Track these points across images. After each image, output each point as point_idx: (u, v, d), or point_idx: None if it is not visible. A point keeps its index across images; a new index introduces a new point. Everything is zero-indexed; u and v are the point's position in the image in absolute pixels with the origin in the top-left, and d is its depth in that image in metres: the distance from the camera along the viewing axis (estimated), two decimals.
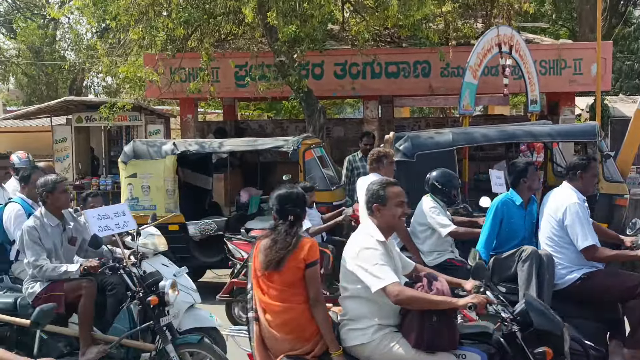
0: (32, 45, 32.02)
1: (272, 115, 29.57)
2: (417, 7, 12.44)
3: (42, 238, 6.45)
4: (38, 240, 6.41)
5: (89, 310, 6.36)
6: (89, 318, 6.37)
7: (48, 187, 6.56)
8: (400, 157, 9.95)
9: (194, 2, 12.78)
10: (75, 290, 6.37)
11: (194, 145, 11.26)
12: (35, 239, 6.40)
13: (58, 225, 6.64)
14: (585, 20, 22.55)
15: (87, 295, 6.34)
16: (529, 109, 13.55)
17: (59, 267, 6.38)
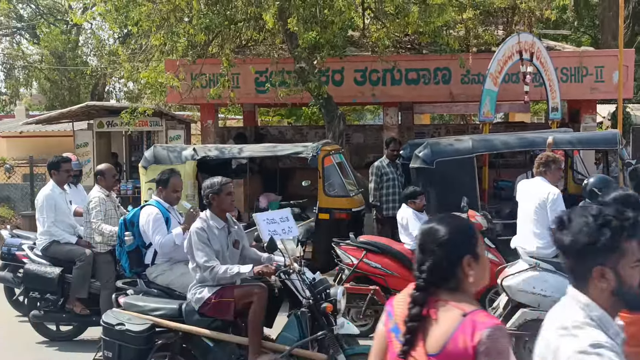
0: (55, 50, 32.33)
1: (292, 121, 29.64)
2: (438, 14, 12.43)
3: (210, 240, 6.31)
4: (207, 242, 6.26)
5: (260, 317, 6.21)
6: (259, 325, 6.22)
7: (214, 189, 6.41)
8: (419, 164, 9.96)
9: (215, 9, 12.83)
10: (247, 297, 6.23)
11: (214, 150, 11.30)
12: (205, 240, 6.25)
13: (224, 227, 6.49)
14: (608, 28, 22.44)
15: (259, 302, 6.19)
16: (550, 117, 13.48)
17: (231, 268, 6.21)
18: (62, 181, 9.12)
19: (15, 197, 18.32)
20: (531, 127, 18.59)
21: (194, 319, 6.22)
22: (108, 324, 6.16)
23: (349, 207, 10.73)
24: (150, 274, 7.32)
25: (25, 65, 35.11)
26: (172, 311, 6.37)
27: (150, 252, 7.35)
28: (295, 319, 6.23)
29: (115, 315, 6.26)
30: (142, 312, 6.33)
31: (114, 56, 23.56)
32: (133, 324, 6.11)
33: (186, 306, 6.37)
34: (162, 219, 7.30)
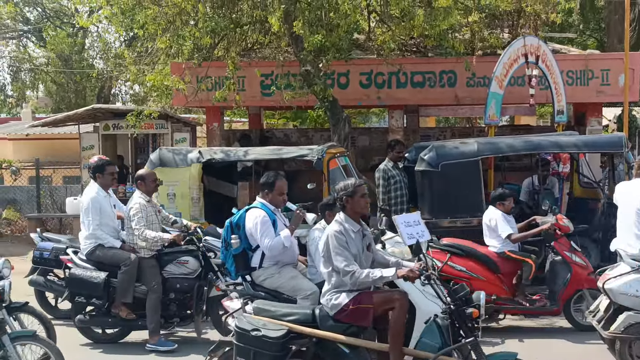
0: (62, 53, 32.36)
1: (298, 124, 29.66)
2: (443, 17, 12.43)
3: (349, 243, 6.18)
4: (346, 245, 6.12)
5: (402, 323, 6.08)
6: (401, 332, 6.07)
7: (348, 192, 6.29)
8: (425, 167, 9.97)
9: (220, 12, 12.85)
10: (387, 303, 6.11)
11: (219, 153, 11.32)
12: (344, 243, 6.11)
13: (359, 231, 6.36)
14: (614, 31, 22.43)
15: (401, 308, 6.06)
16: (556, 120, 13.48)
17: (372, 273, 6.05)
18: (106, 184, 9.09)
19: (22, 200, 18.37)
20: (537, 130, 18.55)
21: (328, 324, 6.11)
22: (242, 330, 6.00)
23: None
24: (258, 277, 7.25)
25: (32, 68, 35.16)
26: (305, 316, 6.23)
27: (257, 255, 7.28)
28: (435, 325, 6.05)
29: (249, 321, 6.09)
30: (273, 317, 6.18)
31: (120, 59, 23.58)
32: (269, 330, 5.96)
33: (320, 311, 6.23)
34: (269, 221, 7.23)
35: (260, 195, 7.54)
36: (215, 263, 8.83)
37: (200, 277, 8.87)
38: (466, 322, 5.89)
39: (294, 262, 7.44)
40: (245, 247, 7.32)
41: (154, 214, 8.90)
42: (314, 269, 7.39)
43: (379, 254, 6.71)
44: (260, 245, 7.20)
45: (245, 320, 6.12)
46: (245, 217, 7.31)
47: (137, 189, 8.96)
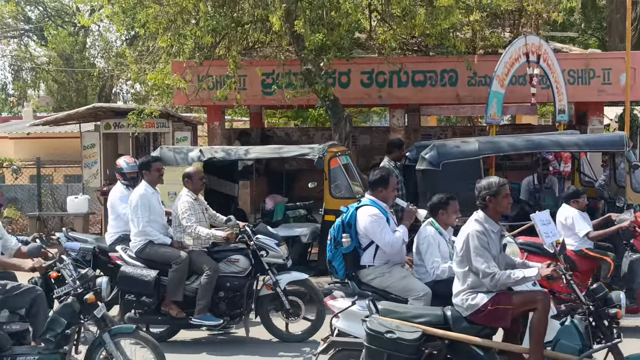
0: (63, 52, 32.38)
1: (299, 123, 29.66)
2: (445, 16, 12.43)
3: (489, 244, 6.06)
4: (487, 246, 5.99)
5: (545, 325, 5.91)
6: (543, 334, 5.91)
7: (491, 191, 6.14)
8: (426, 166, 9.96)
9: (221, 11, 12.85)
10: (528, 304, 5.99)
11: (220, 152, 11.32)
12: (485, 244, 5.98)
13: (498, 231, 6.26)
14: (615, 30, 22.40)
15: (544, 309, 5.92)
16: (557, 119, 13.47)
17: (514, 274, 5.93)
18: (153, 181, 9.03)
19: (23, 198, 18.36)
20: (538, 129, 18.56)
21: (461, 326, 5.98)
22: (375, 332, 5.85)
23: None
24: (366, 276, 7.12)
25: (33, 67, 35.19)
26: (436, 318, 6.09)
27: (368, 254, 7.14)
28: (573, 326, 5.89)
29: (382, 323, 5.94)
30: (402, 319, 6.05)
31: (121, 58, 23.59)
32: (404, 332, 5.83)
33: (452, 313, 6.09)
34: (384, 218, 7.13)
35: (369, 193, 7.37)
36: (266, 262, 8.75)
37: (250, 275, 8.82)
38: (606, 323, 5.78)
39: (402, 262, 7.32)
40: (356, 246, 7.17)
41: (201, 212, 8.90)
42: (423, 269, 7.25)
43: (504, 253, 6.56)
44: (379, 242, 7.04)
45: (377, 322, 5.96)
46: (357, 216, 7.14)
47: (184, 187, 8.94)
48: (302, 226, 11.29)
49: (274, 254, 8.78)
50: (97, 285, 6.71)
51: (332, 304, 6.86)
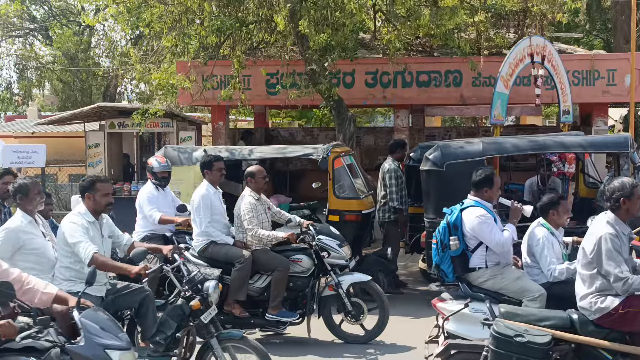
0: (68, 51, 32.43)
1: (303, 123, 29.68)
2: (449, 17, 12.44)
3: (622, 247, 5.87)
4: (620, 249, 5.81)
5: None
6: None
7: (626, 192, 5.94)
8: (430, 167, 9.93)
9: (226, 11, 12.87)
10: None
11: (224, 152, 11.31)
12: (618, 247, 5.79)
13: (628, 234, 6.09)
14: (620, 31, 22.34)
15: None
16: (562, 120, 13.47)
17: None
18: (215, 180, 8.93)
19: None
20: (542, 130, 18.55)
21: (589, 329, 5.86)
22: (504, 335, 5.75)
23: (359, 209, 10.72)
24: (477, 279, 7.00)
25: (38, 66, 35.24)
26: (562, 321, 5.96)
27: (477, 256, 7.02)
28: None
29: (509, 326, 5.84)
30: (527, 322, 5.95)
31: (125, 57, 23.64)
32: (534, 336, 5.73)
33: (578, 316, 5.96)
34: (492, 218, 7.04)
35: (473, 193, 7.25)
36: (329, 263, 8.66)
37: (313, 276, 8.73)
38: None
39: (510, 262, 7.18)
40: (464, 248, 7.07)
41: (263, 212, 8.79)
42: (536, 270, 7.14)
43: None
44: (490, 243, 6.94)
45: (504, 325, 5.87)
46: (463, 217, 7.06)
47: (247, 187, 8.88)
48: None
49: (336, 255, 8.70)
50: (204, 290, 6.63)
51: (442, 307, 6.77)
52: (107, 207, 6.71)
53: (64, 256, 6.49)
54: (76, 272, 6.48)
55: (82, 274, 6.30)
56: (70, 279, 6.46)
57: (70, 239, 6.37)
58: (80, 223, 6.46)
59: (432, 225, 9.45)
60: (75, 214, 6.57)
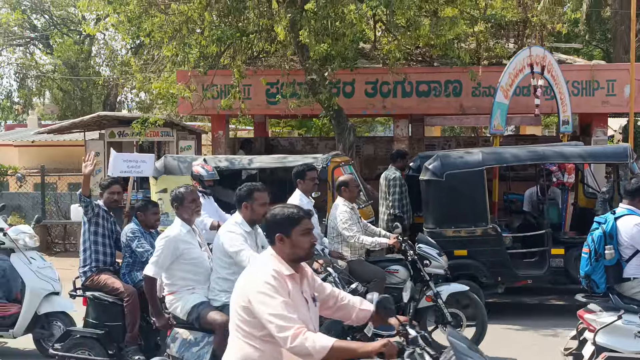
0: (68, 60, 32.53)
1: (303, 132, 29.70)
2: (449, 27, 12.47)
3: None
4: None
5: None
6: None
7: None
8: (429, 177, 9.95)
9: (227, 20, 12.90)
10: None
11: (224, 161, 11.33)
12: None
13: None
14: (620, 41, 22.41)
15: None
16: (561, 130, 13.47)
17: None
18: (308, 190, 8.74)
19: (27, 206, 18.38)
20: (542, 140, 18.55)
21: None
22: None
23: None
24: (631, 289, 6.81)
25: (38, 75, 35.33)
26: None
27: (633, 265, 6.82)
28: None
29: None
30: None
31: (126, 67, 23.68)
32: None
33: None
34: None
35: (627, 202, 7.02)
36: (427, 272, 8.44)
37: None
38: None
39: None
40: (618, 258, 6.87)
41: (357, 221, 8.67)
42: None
43: None
44: None
45: None
46: (618, 226, 6.87)
47: (340, 196, 8.71)
48: None
49: (436, 264, 8.49)
50: None
51: (590, 318, 6.65)
52: (264, 217, 6.57)
53: (221, 267, 6.28)
54: (233, 283, 6.21)
55: None
56: (227, 290, 6.13)
57: (231, 248, 6.13)
58: (238, 232, 6.23)
59: (431, 234, 9.45)
60: (232, 224, 6.35)
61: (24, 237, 8.93)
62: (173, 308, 6.33)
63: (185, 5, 12.31)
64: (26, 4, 34.13)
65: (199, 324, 6.13)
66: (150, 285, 6.32)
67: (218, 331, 5.85)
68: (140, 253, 7.58)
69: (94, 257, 7.80)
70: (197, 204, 6.66)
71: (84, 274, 7.80)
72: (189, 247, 6.38)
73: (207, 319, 6.04)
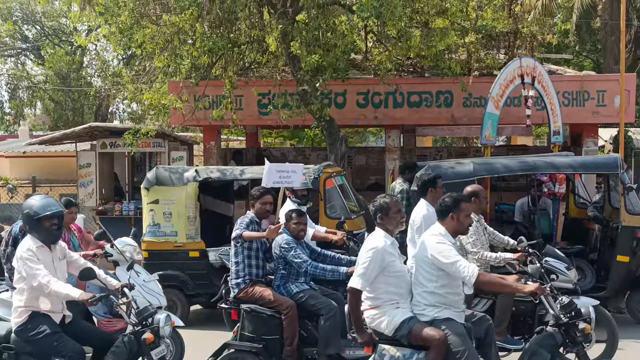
0: (60, 71, 32.52)
1: (295, 143, 29.72)
2: (440, 38, 12.52)
3: None
4: None
5: None
6: None
7: None
8: None
9: (218, 31, 12.91)
10: None
11: (216, 172, 11.31)
12: None
13: None
14: (610, 52, 22.54)
15: None
16: (552, 140, 13.51)
17: None
18: (437, 198, 8.05)
19: (18, 218, 18.34)
20: (533, 150, 18.61)
21: None
22: None
23: (350, 230, 10.70)
24: None
25: (30, 86, 35.29)
26: None
27: None
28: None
29: None
30: None
31: (117, 77, 23.68)
32: None
33: None
34: None
35: None
36: (556, 286, 7.93)
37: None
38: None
39: None
40: None
41: (482, 233, 8.38)
42: None
43: None
44: None
45: None
46: None
47: None
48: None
49: (564, 279, 8.28)
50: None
51: None
52: (467, 228, 6.38)
53: (428, 280, 6.07)
54: (441, 297, 6.06)
55: (447, 299, 6.05)
56: (434, 304, 6.04)
57: (446, 260, 5.92)
58: (448, 243, 6.07)
59: None
60: (436, 234, 6.17)
61: (130, 249, 8.77)
62: (376, 323, 6.08)
63: (176, 17, 12.33)
64: (18, 15, 34.16)
65: (409, 340, 5.92)
66: (356, 299, 6.01)
67: (435, 348, 5.71)
68: (298, 264, 7.49)
69: (247, 271, 7.68)
70: (402, 215, 6.37)
71: (236, 286, 7.67)
72: (394, 260, 6.11)
73: (423, 335, 5.82)
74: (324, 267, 7.59)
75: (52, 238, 6.37)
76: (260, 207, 7.97)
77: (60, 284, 6.13)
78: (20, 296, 6.24)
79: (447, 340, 5.66)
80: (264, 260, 7.90)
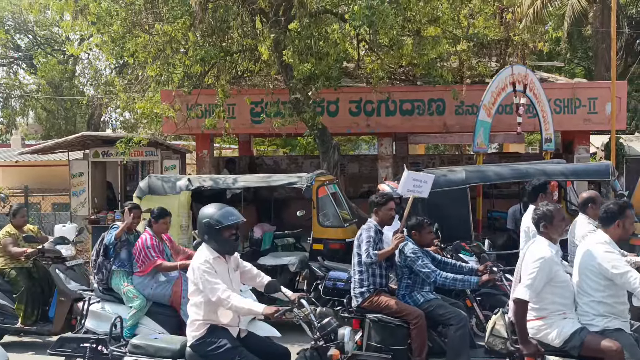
0: (52, 80, 32.48)
1: (287, 151, 29.74)
2: (432, 46, 12.55)
3: None
4: None
5: None
6: None
7: None
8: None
9: (210, 40, 12.92)
10: None
11: (208, 181, 11.30)
12: None
13: None
14: (601, 59, 22.64)
15: None
16: (544, 148, 13.57)
17: None
18: None
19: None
20: (525, 157, 18.67)
21: None
22: None
23: (343, 238, 10.71)
24: None
25: (22, 95, 35.23)
26: None
27: None
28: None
29: None
30: None
31: (110, 86, 23.69)
32: None
33: None
34: None
35: None
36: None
37: None
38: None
39: None
40: None
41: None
42: None
43: None
44: None
45: None
46: None
47: (583, 214, 8.06)
48: (291, 255, 11.26)
49: None
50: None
51: None
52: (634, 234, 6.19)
53: (594, 290, 5.88)
54: (609, 306, 5.88)
55: (615, 309, 5.89)
56: (603, 314, 5.87)
57: (616, 270, 5.73)
58: (616, 252, 5.91)
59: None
60: (602, 243, 5.94)
61: None
62: (543, 334, 5.94)
63: (169, 26, 12.32)
64: (10, 24, 34.11)
65: (580, 351, 5.80)
66: (523, 310, 5.86)
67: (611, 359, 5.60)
68: (426, 274, 7.40)
69: (371, 280, 7.58)
70: (566, 223, 6.20)
71: (360, 295, 7.57)
72: (559, 269, 5.95)
73: (600, 347, 5.69)
74: (455, 277, 7.45)
75: (230, 248, 6.20)
76: (386, 214, 7.85)
77: (241, 299, 5.92)
78: (197, 309, 5.97)
79: (623, 352, 5.52)
80: (386, 269, 7.79)
